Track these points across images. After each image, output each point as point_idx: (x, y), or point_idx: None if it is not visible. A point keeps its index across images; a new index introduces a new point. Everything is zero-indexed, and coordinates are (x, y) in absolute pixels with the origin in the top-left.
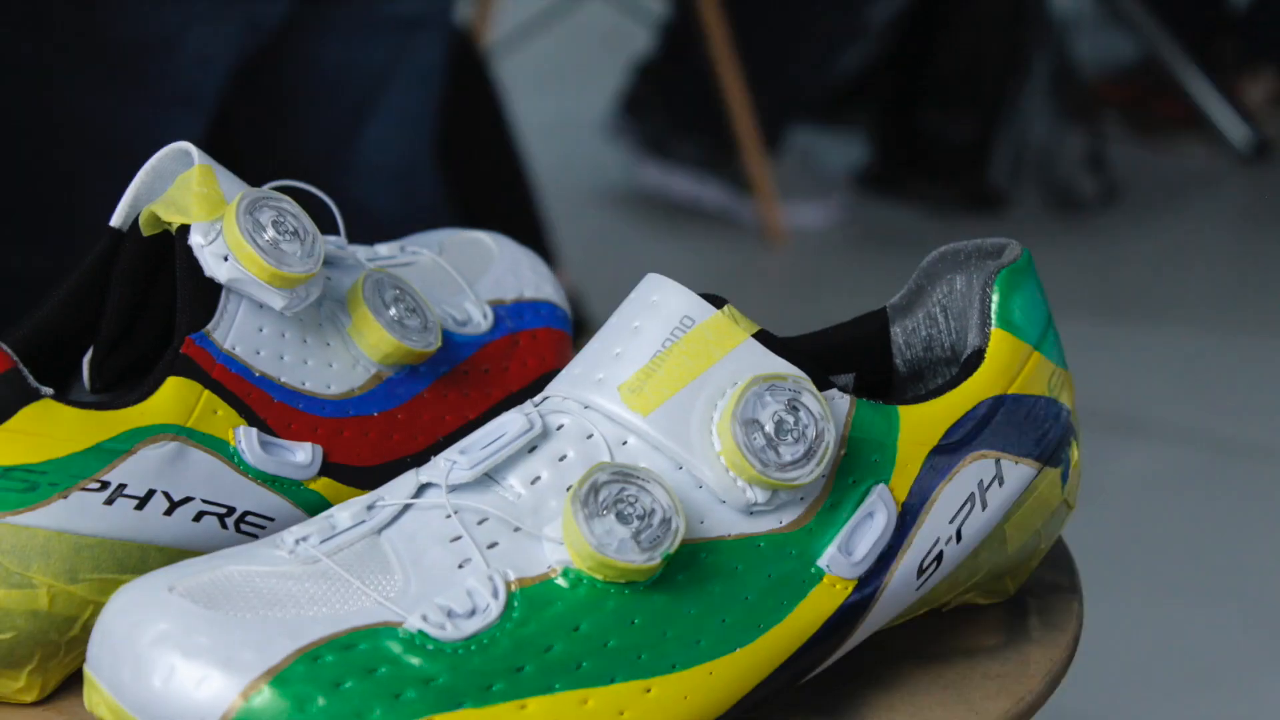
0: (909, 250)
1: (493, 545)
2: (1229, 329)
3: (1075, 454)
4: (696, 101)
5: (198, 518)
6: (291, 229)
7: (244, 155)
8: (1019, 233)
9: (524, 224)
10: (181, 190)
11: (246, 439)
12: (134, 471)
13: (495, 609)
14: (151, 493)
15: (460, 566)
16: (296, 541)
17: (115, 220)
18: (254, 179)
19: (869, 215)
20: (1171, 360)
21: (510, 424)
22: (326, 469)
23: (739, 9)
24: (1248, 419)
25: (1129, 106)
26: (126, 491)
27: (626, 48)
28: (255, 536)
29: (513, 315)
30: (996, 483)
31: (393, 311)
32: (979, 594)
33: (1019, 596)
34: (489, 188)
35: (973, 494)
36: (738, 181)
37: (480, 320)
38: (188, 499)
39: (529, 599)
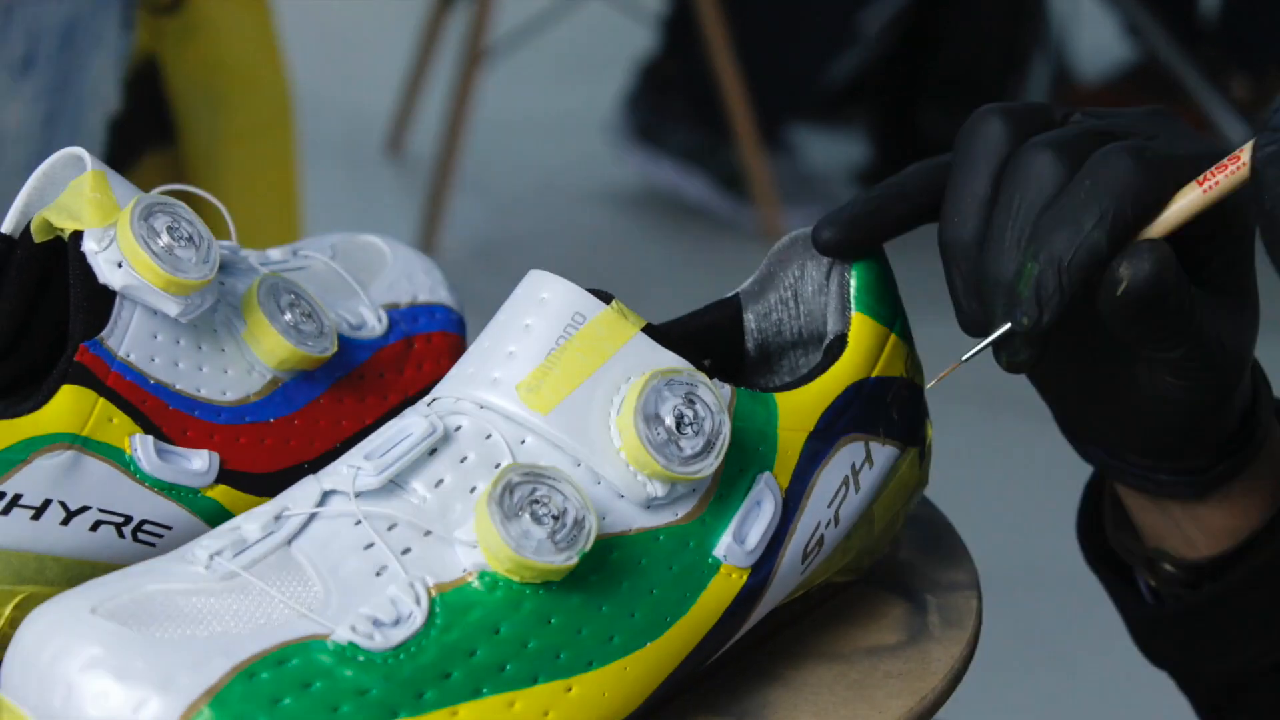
0: (909, 250)
1: (406, 551)
2: None
3: (930, 433)
4: (687, 93)
5: (95, 527)
6: (186, 234)
7: None
8: None
9: None
10: (74, 196)
11: (143, 447)
12: (29, 481)
13: (419, 616)
14: (48, 502)
15: (378, 574)
16: (210, 556)
17: (6, 226)
18: None
19: None
20: None
21: (413, 427)
22: (224, 476)
23: (735, 8)
24: None
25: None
26: (22, 502)
27: (628, 47)
28: (153, 545)
29: (407, 319)
30: (867, 465)
31: (288, 316)
32: (841, 574)
33: (919, 594)
34: None
35: (847, 477)
36: (723, 176)
37: (375, 324)
38: (84, 508)
39: (449, 605)
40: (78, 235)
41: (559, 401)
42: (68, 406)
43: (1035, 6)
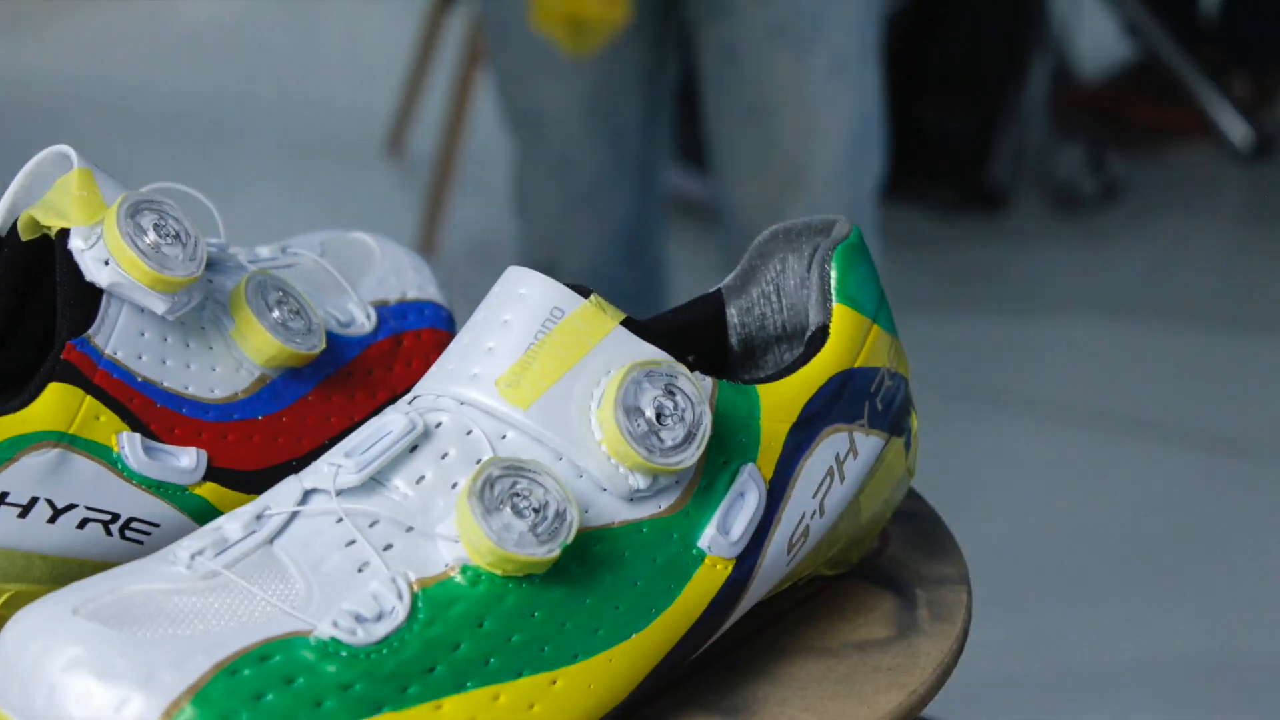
0: (910, 250)
1: (388, 547)
2: (1229, 329)
3: (914, 422)
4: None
5: (82, 525)
6: (173, 232)
7: None
8: (1019, 232)
9: None
10: (61, 194)
11: (130, 445)
12: (16, 479)
13: (401, 611)
14: (35, 500)
15: (360, 570)
16: (192, 556)
17: None
18: None
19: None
20: (1171, 360)
21: (393, 424)
22: (211, 474)
23: None
24: (1247, 419)
25: (1114, 112)
26: (9, 500)
27: None
28: (140, 543)
29: (396, 316)
30: (851, 455)
31: (276, 314)
32: (828, 566)
33: (908, 589)
34: None
35: (831, 467)
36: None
37: (364, 321)
38: (71, 506)
39: (431, 599)
40: (64, 233)
41: (539, 396)
42: (55, 404)
43: (1035, 6)
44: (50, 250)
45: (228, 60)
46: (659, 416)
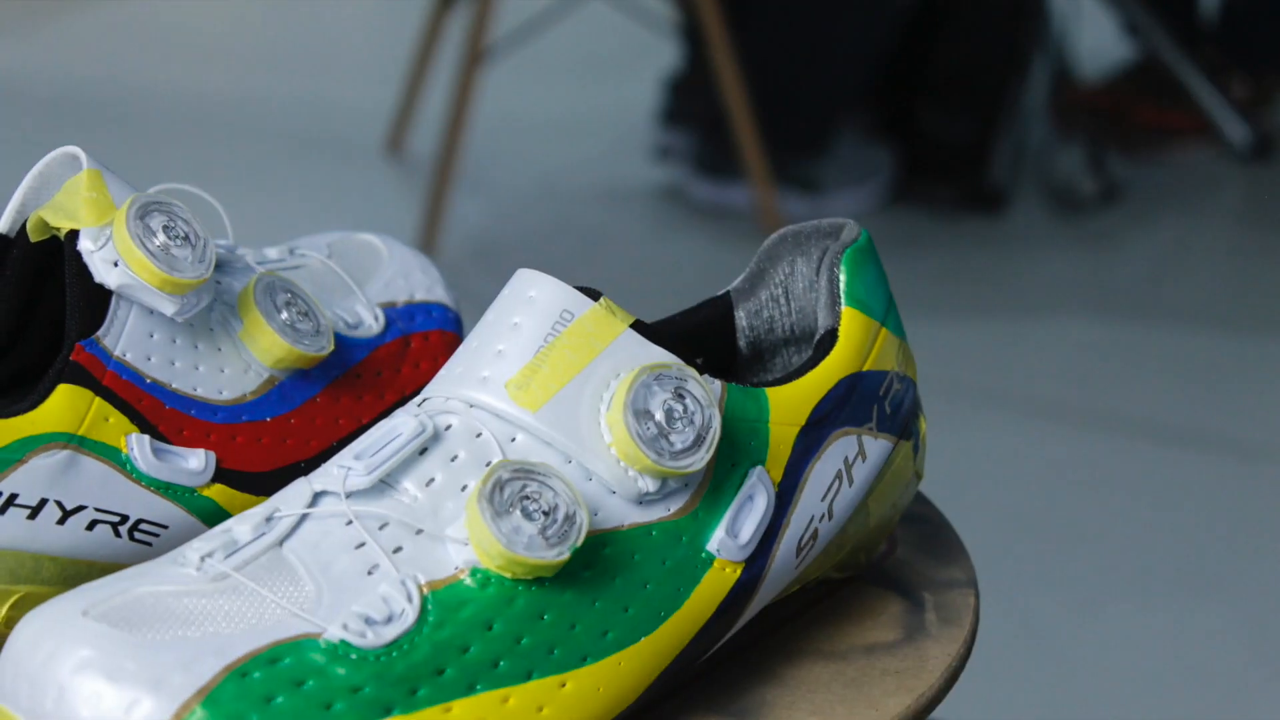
0: (910, 250)
1: (398, 550)
2: (1229, 329)
3: (923, 426)
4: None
5: (91, 526)
6: (182, 234)
7: None
8: (1019, 234)
9: None
10: (70, 195)
11: (139, 446)
12: (25, 481)
13: (411, 614)
14: (44, 502)
15: (370, 573)
16: (201, 558)
17: (2, 226)
18: None
19: (869, 215)
20: (1172, 361)
21: (403, 426)
22: (220, 475)
23: (768, 11)
24: (1247, 419)
25: (1113, 113)
26: (18, 501)
27: (628, 47)
28: (149, 545)
29: (404, 317)
30: (860, 458)
31: (284, 315)
32: (836, 569)
33: (916, 592)
34: None
35: (840, 471)
36: (796, 183)
37: (372, 323)
38: (80, 508)
39: (441, 602)
40: (74, 234)
41: (548, 399)
42: (64, 406)
43: (1036, 6)
44: (59, 251)
45: (228, 60)
46: (668, 419)
